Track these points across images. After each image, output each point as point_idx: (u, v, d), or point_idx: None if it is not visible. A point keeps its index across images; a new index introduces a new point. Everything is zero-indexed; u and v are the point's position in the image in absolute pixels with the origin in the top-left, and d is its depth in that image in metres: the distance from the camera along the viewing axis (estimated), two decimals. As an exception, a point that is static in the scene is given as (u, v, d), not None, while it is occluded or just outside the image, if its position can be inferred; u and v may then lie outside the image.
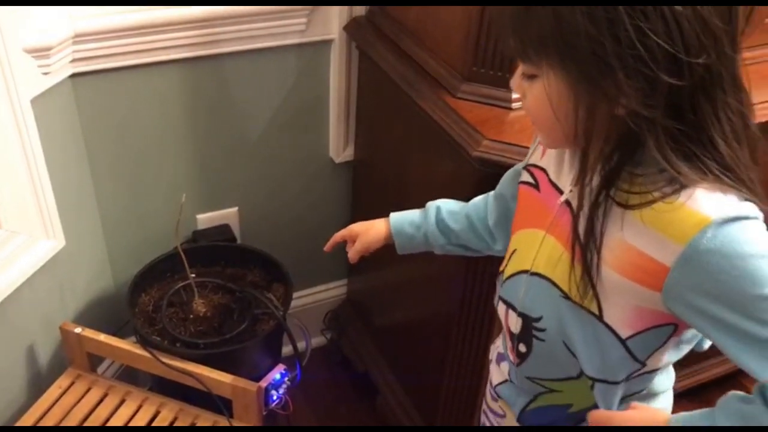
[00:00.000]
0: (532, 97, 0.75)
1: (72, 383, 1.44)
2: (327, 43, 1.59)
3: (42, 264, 1.38)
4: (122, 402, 1.42)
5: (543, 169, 0.89)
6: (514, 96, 1.24)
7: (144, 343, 1.40)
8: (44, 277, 1.42)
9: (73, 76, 1.38)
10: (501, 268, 0.96)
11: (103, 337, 1.40)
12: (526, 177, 0.92)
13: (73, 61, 1.35)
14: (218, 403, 1.36)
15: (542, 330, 0.88)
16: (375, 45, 1.49)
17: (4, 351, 1.38)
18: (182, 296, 1.53)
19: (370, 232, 1.13)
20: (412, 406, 1.71)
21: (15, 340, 1.40)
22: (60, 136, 1.39)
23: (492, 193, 1.07)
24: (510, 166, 1.12)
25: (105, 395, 1.43)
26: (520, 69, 0.76)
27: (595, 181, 0.75)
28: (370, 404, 1.85)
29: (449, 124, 1.24)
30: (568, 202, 0.82)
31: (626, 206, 0.73)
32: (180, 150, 1.58)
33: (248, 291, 1.50)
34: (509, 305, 0.94)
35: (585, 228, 0.77)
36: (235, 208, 1.73)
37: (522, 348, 0.92)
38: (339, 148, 1.74)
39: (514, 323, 0.93)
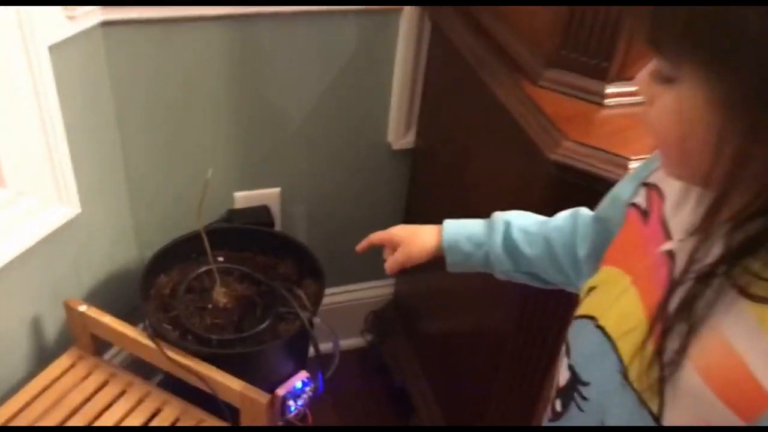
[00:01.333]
0: (662, 107, 0.51)
1: (73, 364, 1.30)
2: (395, 12, 1.38)
3: (51, 231, 1.23)
4: (122, 393, 1.27)
5: (661, 194, 0.65)
6: (611, 89, 1.01)
7: (152, 331, 1.24)
8: (54, 245, 1.27)
9: (105, 24, 1.22)
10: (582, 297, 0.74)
11: (107, 319, 1.25)
12: (639, 198, 0.68)
13: (105, 6, 1.19)
14: (224, 410, 1.19)
15: (585, 399, 0.66)
16: (450, 17, 1.28)
17: (5, 318, 1.24)
18: (204, 282, 1.37)
19: (415, 241, 0.92)
20: (450, 433, 1.50)
21: (19, 308, 1.26)
22: (84, 89, 1.24)
23: (584, 212, 0.84)
24: (595, 176, 0.89)
25: (106, 383, 1.28)
26: (653, 65, 0.53)
27: (719, 246, 0.51)
28: (403, 422, 1.66)
29: (525, 117, 1.02)
30: (671, 254, 0.59)
31: (747, 294, 0.50)
32: (220, 117, 1.41)
33: (274, 284, 1.32)
34: (567, 349, 0.72)
35: (680, 303, 0.53)
36: (277, 189, 1.55)
37: (558, 406, 0.71)
38: (399, 132, 1.53)
39: (563, 373, 0.71)
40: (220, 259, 1.43)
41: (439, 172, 1.44)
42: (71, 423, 1.20)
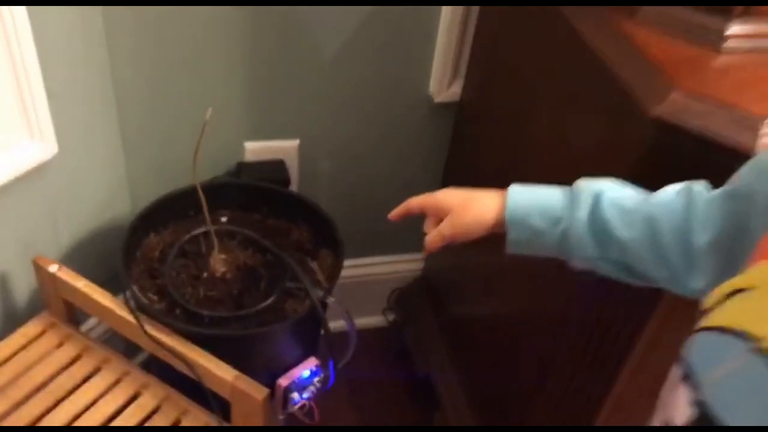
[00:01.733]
0: None
1: (43, 332, 1.10)
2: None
3: (20, 173, 1.02)
4: (97, 370, 1.06)
5: None
6: (734, 28, 0.76)
7: (134, 302, 1.03)
8: (25, 191, 1.06)
9: None
10: (705, 305, 0.51)
11: (81, 284, 1.04)
12: None
13: None
14: (211, 402, 0.99)
15: None
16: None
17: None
18: (201, 246, 1.15)
19: (469, 210, 0.71)
20: (480, 438, 1.29)
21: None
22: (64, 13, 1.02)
23: (701, 188, 0.62)
24: (712, 141, 0.66)
25: (78, 357, 1.08)
26: None
27: None
28: (425, 418, 1.45)
29: (617, 60, 0.77)
30: None
31: None
32: (233, 48, 1.17)
33: (283, 253, 1.10)
34: (688, 375, 0.49)
35: None
36: (296, 142, 1.32)
37: None
38: (443, 82, 1.29)
39: (681, 409, 0.48)
40: (223, 219, 1.21)
41: (489, 131, 1.20)
42: (35, 401, 1.00)
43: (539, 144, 1.00)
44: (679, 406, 0.48)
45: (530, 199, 0.68)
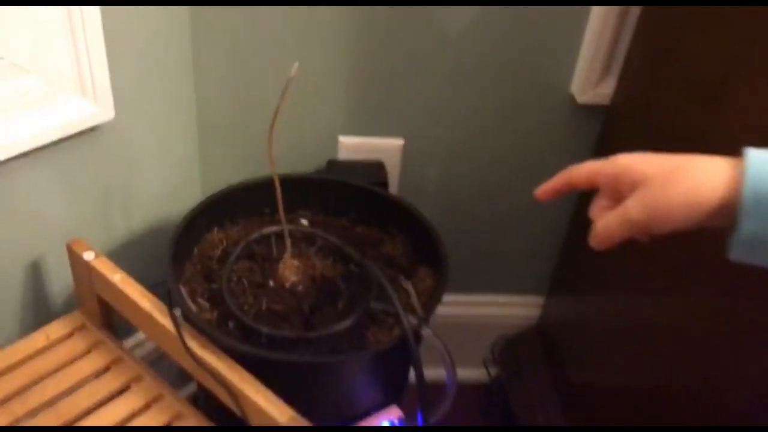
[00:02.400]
0: None
1: (69, 334, 0.90)
2: None
3: (65, 133, 0.84)
4: (125, 389, 0.84)
5: None
6: None
7: (180, 307, 0.81)
8: (68, 159, 0.88)
9: None
10: None
11: (118, 278, 0.83)
12: None
13: None
14: (259, 450, 0.74)
15: None
16: None
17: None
18: (272, 249, 0.93)
19: (678, 181, 0.45)
20: None
21: (14, 241, 0.87)
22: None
23: None
24: None
25: (105, 369, 0.86)
26: None
27: None
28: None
29: None
30: None
31: None
32: (335, 24, 0.96)
33: (372, 265, 0.85)
34: None
35: None
36: (399, 141, 1.09)
37: None
38: (589, 80, 1.03)
39: None
40: (303, 222, 0.98)
41: (651, 139, 0.92)
42: (39, 419, 0.79)
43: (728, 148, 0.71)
44: None
45: None
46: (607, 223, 0.49)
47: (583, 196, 1.13)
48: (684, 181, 0.44)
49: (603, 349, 1.06)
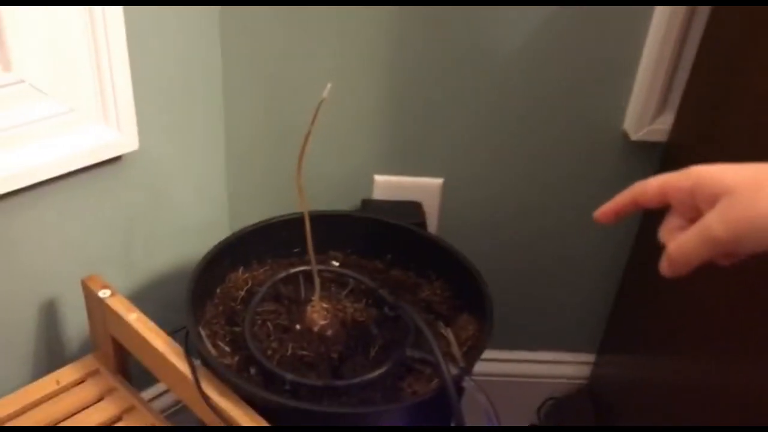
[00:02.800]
0: None
1: (81, 380, 0.83)
2: None
3: (82, 163, 0.79)
4: (136, 442, 0.77)
5: None
6: None
7: (201, 350, 0.74)
8: (90, 190, 0.83)
9: None
10: None
11: (134, 317, 0.77)
12: None
13: None
14: None
15: None
16: None
17: (12, 287, 0.80)
18: (300, 290, 0.86)
19: (762, 197, 0.37)
20: None
21: (31, 278, 0.82)
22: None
23: None
24: None
25: (117, 419, 0.79)
26: None
27: None
28: None
29: None
30: None
31: None
32: (373, 57, 0.92)
33: (409, 309, 0.78)
34: None
35: None
36: (439, 180, 1.02)
37: None
38: (644, 116, 0.96)
39: None
40: (335, 263, 0.91)
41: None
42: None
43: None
44: None
45: None
46: (683, 243, 0.41)
47: (639, 242, 1.04)
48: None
49: (661, 414, 0.96)
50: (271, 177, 1.00)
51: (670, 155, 0.96)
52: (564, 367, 1.21)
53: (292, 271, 0.86)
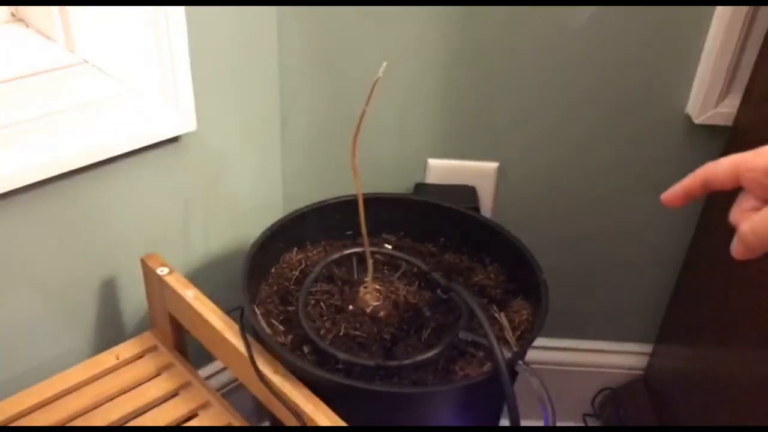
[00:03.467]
0: None
1: (140, 356, 0.85)
2: None
3: (140, 143, 0.81)
4: (191, 416, 0.78)
5: None
6: None
7: (253, 327, 0.75)
8: (148, 170, 0.85)
9: None
10: None
11: (191, 294, 0.78)
12: None
13: None
14: (329, 491, 0.66)
15: None
16: None
17: (66, 263, 0.83)
18: (353, 271, 0.86)
19: None
20: None
21: (87, 255, 0.84)
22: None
23: None
24: None
25: (174, 394, 0.81)
26: None
27: None
28: None
29: None
30: None
31: None
32: (431, 39, 0.91)
33: (463, 292, 0.77)
34: None
35: None
36: (494, 164, 1.01)
37: None
38: (708, 97, 0.93)
39: None
40: (387, 247, 0.91)
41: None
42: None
43: None
44: None
45: None
46: (758, 224, 0.39)
47: (701, 231, 1.01)
48: None
49: (722, 406, 0.93)
50: (326, 159, 1.00)
51: (736, 140, 0.92)
52: (620, 357, 1.18)
53: (345, 252, 0.86)
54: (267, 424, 1.05)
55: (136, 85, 0.79)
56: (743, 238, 0.40)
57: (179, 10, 0.77)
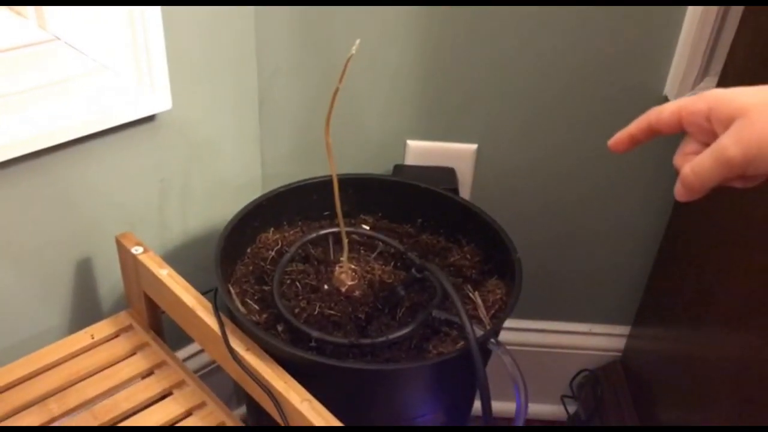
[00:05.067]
0: None
1: (115, 335, 0.85)
2: None
3: (113, 122, 0.80)
4: (165, 395, 0.79)
5: None
6: None
7: (229, 306, 0.75)
8: (123, 150, 0.84)
9: None
10: None
11: (164, 273, 0.78)
12: None
13: None
14: (301, 467, 0.66)
15: None
16: None
17: (38, 234, 0.82)
18: (329, 251, 0.86)
19: None
20: None
21: (64, 237, 0.84)
22: None
23: None
24: None
25: (148, 374, 0.81)
26: None
27: None
28: None
29: None
30: None
31: None
32: (411, 22, 0.91)
33: (436, 271, 0.77)
34: None
35: None
36: (473, 146, 1.01)
37: None
38: (685, 80, 0.93)
39: None
40: (365, 227, 0.91)
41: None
42: (75, 420, 0.74)
43: None
44: None
45: None
46: (698, 165, 0.41)
47: (677, 213, 1.02)
48: None
49: (699, 387, 0.94)
50: (304, 139, 1.00)
51: (712, 121, 0.93)
52: (598, 339, 1.19)
53: (322, 232, 0.86)
54: (244, 406, 1.05)
55: (109, 62, 0.78)
56: (684, 179, 0.42)
57: (153, -13, 0.77)
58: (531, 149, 1.01)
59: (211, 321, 0.73)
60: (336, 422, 0.64)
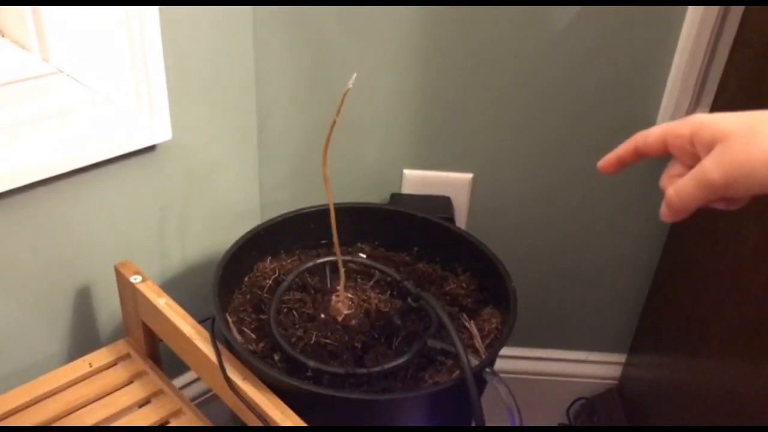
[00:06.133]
0: None
1: (113, 363, 0.85)
2: None
3: (116, 152, 0.81)
4: (163, 422, 0.79)
5: None
6: None
7: (225, 335, 0.76)
8: (125, 179, 0.85)
9: None
10: None
11: (162, 302, 0.79)
12: None
13: None
14: (297, 497, 0.66)
15: None
16: None
17: (43, 265, 0.83)
18: (326, 280, 0.87)
19: (763, 136, 0.39)
20: None
21: (64, 265, 0.85)
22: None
23: None
24: None
25: (146, 402, 0.81)
26: None
27: None
28: None
29: None
30: None
31: None
32: (407, 53, 0.92)
33: (432, 301, 0.78)
34: None
35: None
36: (468, 176, 1.02)
37: None
38: (678, 110, 0.95)
39: None
40: (362, 255, 0.92)
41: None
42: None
43: None
44: None
45: None
46: (681, 187, 0.42)
47: (672, 242, 1.03)
48: (764, 140, 0.38)
49: (695, 414, 0.94)
50: (302, 168, 1.01)
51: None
52: (594, 367, 1.19)
53: (319, 261, 0.87)
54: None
55: (111, 94, 0.80)
56: (668, 201, 0.43)
57: (153, 19, 0.78)
58: (526, 179, 1.02)
59: (208, 350, 0.73)
60: (332, 452, 0.65)
